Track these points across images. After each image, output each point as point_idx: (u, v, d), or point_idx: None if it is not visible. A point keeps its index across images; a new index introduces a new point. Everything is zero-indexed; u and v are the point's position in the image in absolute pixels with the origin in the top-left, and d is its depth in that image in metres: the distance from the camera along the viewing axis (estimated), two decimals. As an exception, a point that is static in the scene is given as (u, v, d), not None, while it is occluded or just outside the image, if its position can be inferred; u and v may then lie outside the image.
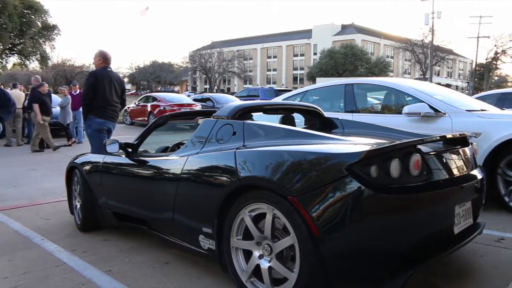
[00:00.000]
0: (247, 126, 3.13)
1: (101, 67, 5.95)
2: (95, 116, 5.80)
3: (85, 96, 5.81)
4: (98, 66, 5.99)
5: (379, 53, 73.84)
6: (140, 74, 79.46)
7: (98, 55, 6.00)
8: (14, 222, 4.80)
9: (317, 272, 2.42)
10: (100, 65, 5.96)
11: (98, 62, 5.99)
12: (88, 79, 5.88)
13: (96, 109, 5.79)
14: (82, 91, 5.95)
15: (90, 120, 5.81)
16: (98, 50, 6.07)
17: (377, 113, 6.00)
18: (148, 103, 18.84)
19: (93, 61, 6.12)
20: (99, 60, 5.98)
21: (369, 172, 2.36)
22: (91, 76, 5.90)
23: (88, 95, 5.76)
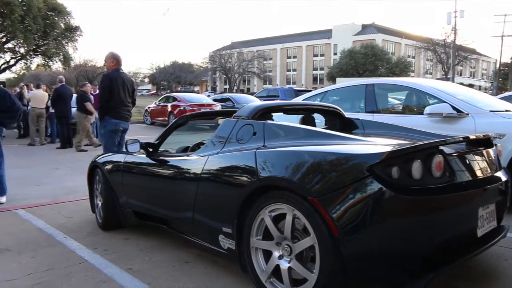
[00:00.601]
0: (268, 126, 3.13)
1: (113, 69, 6.04)
2: (111, 117, 5.93)
3: (102, 98, 5.92)
4: (110, 68, 6.08)
5: (400, 53, 73.06)
6: (160, 75, 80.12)
7: (110, 58, 6.10)
8: (37, 220, 4.89)
9: (337, 273, 2.41)
10: (113, 67, 6.06)
11: (111, 64, 6.09)
12: (103, 82, 5.98)
13: (112, 110, 5.93)
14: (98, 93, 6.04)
15: (106, 121, 5.94)
16: (110, 53, 6.16)
17: (398, 113, 5.93)
18: (168, 103, 18.98)
19: (105, 63, 6.20)
20: (112, 62, 6.08)
21: (390, 173, 2.33)
22: (106, 78, 5.98)
23: (104, 97, 5.88)
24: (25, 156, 10.37)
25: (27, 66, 26.15)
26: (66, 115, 11.86)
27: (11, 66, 24.52)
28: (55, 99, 11.90)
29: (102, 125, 6.02)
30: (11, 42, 22.63)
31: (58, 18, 22.86)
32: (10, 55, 23.73)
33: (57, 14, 22.75)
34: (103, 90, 5.94)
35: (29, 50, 22.88)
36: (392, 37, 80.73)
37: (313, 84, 79.93)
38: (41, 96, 12.55)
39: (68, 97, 11.90)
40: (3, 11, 19.30)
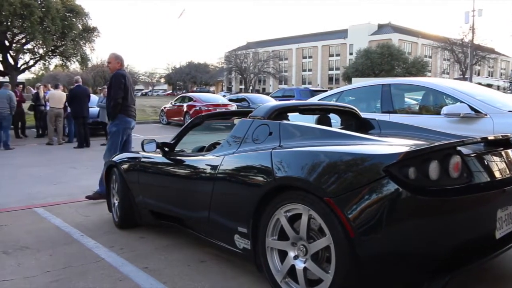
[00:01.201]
0: (283, 127, 3.12)
1: (119, 69, 6.02)
2: (125, 115, 5.94)
3: (117, 96, 5.85)
4: (115, 69, 6.03)
5: (416, 53, 72.40)
6: (176, 75, 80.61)
7: (115, 58, 6.07)
8: (55, 218, 4.96)
9: (353, 274, 2.39)
10: (118, 68, 6.02)
11: (116, 65, 6.05)
12: (118, 80, 5.91)
13: (125, 108, 5.93)
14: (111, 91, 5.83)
15: (119, 119, 5.91)
16: (113, 54, 6.14)
17: (414, 113, 5.87)
18: (184, 103, 19.06)
19: (109, 64, 6.15)
20: (117, 64, 6.06)
21: (407, 174, 2.31)
22: (121, 76, 5.94)
23: (119, 95, 5.84)
24: (44, 155, 10.51)
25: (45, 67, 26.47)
26: (82, 115, 12.01)
27: (30, 66, 24.84)
28: (70, 99, 12.12)
29: (113, 124, 5.94)
30: (30, 43, 22.95)
31: (76, 19, 23.10)
32: (29, 56, 24.12)
33: (75, 15, 22.99)
34: (118, 89, 5.88)
35: (47, 51, 23.16)
36: (408, 36, 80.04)
37: (328, 84, 79.62)
38: (59, 96, 12.71)
39: (83, 97, 12.04)
40: (23, 13, 19.58)
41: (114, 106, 5.87)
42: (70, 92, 12.35)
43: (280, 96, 24.41)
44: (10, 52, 22.64)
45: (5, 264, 3.62)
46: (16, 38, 22.51)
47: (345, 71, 58.94)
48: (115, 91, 5.87)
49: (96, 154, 10.53)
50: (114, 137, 5.93)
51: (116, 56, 6.09)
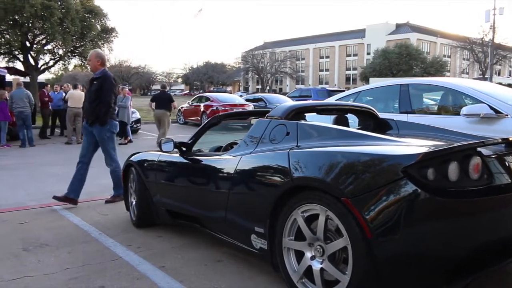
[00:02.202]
0: (301, 127, 3.11)
1: (100, 68, 5.72)
2: (114, 119, 5.77)
3: (110, 100, 5.61)
4: (96, 68, 5.74)
5: (435, 53, 71.54)
6: (193, 75, 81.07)
7: (95, 56, 5.76)
8: (74, 217, 5.02)
9: (370, 276, 2.38)
10: (99, 67, 5.72)
11: (96, 63, 5.73)
12: (109, 82, 5.65)
13: (113, 112, 5.74)
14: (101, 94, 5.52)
15: (110, 124, 5.67)
16: (94, 52, 5.89)
17: (433, 114, 5.81)
18: (201, 103, 19.14)
19: (89, 62, 5.86)
20: (97, 62, 5.73)
21: (426, 175, 2.29)
22: (111, 78, 5.70)
23: (112, 98, 5.63)
24: (63, 154, 10.64)
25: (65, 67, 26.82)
26: None
27: (50, 67, 25.16)
28: None
29: (106, 129, 5.65)
30: (50, 44, 23.26)
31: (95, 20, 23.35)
32: (49, 57, 24.38)
33: (94, 16, 23.24)
34: (110, 92, 5.62)
35: (67, 51, 23.45)
36: (427, 36, 79.16)
37: (345, 84, 79.19)
38: (78, 96, 12.86)
39: None
40: (44, 14, 19.85)
41: (108, 111, 5.59)
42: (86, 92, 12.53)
43: (297, 96, 24.38)
44: (31, 53, 22.97)
45: (25, 260, 3.68)
46: (36, 39, 22.82)
47: (363, 71, 58.45)
48: (107, 95, 5.58)
49: (114, 154, 10.62)
50: (109, 142, 5.76)
51: (96, 54, 5.81)
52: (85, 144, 5.89)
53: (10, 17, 20.37)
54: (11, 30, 21.16)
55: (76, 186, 5.66)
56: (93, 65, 5.77)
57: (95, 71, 5.76)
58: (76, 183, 5.67)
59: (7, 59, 23.41)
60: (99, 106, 5.56)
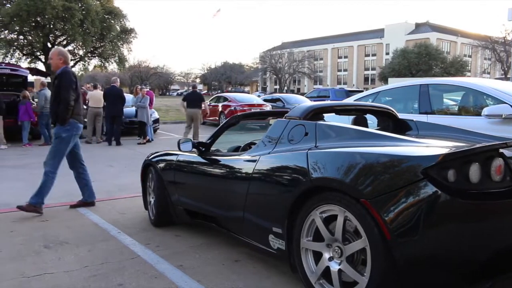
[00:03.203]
0: (319, 127, 3.10)
1: (62, 66, 5.33)
2: (76, 121, 5.30)
3: (70, 98, 5.15)
4: (57, 66, 5.34)
5: (455, 52, 70.61)
6: (211, 75, 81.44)
7: (57, 54, 5.38)
8: (93, 215, 5.08)
9: (389, 278, 2.36)
10: (61, 65, 5.33)
11: (58, 61, 5.35)
12: (68, 79, 5.21)
13: (77, 112, 5.31)
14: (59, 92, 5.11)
15: (71, 125, 5.24)
16: (57, 49, 5.55)
17: (453, 114, 5.74)
18: (219, 103, 19.19)
19: (51, 60, 5.40)
20: (59, 60, 5.35)
21: (446, 176, 2.26)
22: (71, 75, 5.28)
23: (70, 96, 5.16)
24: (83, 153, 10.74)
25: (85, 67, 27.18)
26: (112, 114, 12.43)
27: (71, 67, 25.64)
28: (104, 98, 12.60)
29: (63, 129, 5.18)
30: (71, 45, 23.64)
31: (114, 21, 23.64)
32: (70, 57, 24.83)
33: (113, 17, 23.53)
34: (70, 89, 5.16)
35: (87, 52, 23.80)
36: (447, 35, 78.21)
37: (364, 85, 78.72)
38: (98, 96, 13.02)
39: (116, 98, 12.37)
40: (65, 15, 20.17)
41: (67, 110, 5.15)
42: (104, 92, 12.75)
43: (315, 97, 24.30)
44: (52, 54, 23.43)
45: (46, 258, 3.73)
46: (57, 40, 23.25)
47: (381, 71, 57.96)
48: (66, 92, 5.14)
49: (132, 153, 10.75)
50: (62, 144, 5.25)
51: (59, 52, 5.44)
52: None
53: (32, 19, 20.78)
54: (33, 31, 21.58)
55: (87, 189, 5.62)
56: (55, 64, 5.37)
57: (56, 70, 5.38)
58: (84, 187, 5.62)
59: (29, 60, 23.84)
60: (55, 104, 5.21)
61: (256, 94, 39.28)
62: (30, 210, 5.09)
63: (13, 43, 22.05)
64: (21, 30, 21.57)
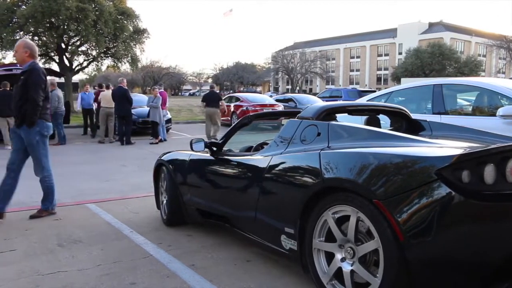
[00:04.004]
0: (332, 127, 3.09)
1: (30, 61, 4.89)
2: (45, 120, 4.95)
3: (39, 98, 4.77)
4: (24, 61, 4.91)
5: (469, 52, 69.89)
6: (223, 75, 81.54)
7: (22, 47, 4.90)
8: (106, 214, 5.12)
9: (402, 279, 2.34)
10: (27, 60, 4.89)
11: (24, 54, 4.89)
12: (34, 76, 4.79)
13: (45, 111, 4.96)
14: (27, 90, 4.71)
15: (40, 125, 4.87)
16: (22, 41, 5.05)
17: (467, 115, 5.69)
18: (231, 103, 19.20)
19: (15, 54, 4.99)
20: (25, 53, 4.89)
21: (460, 177, 2.24)
22: (40, 72, 4.86)
23: (39, 95, 4.79)
24: (95, 153, 10.87)
25: (98, 68, 27.32)
26: (119, 114, 12.58)
27: (84, 67, 25.72)
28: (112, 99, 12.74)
29: (35, 132, 4.83)
30: (84, 45, 23.79)
31: (127, 21, 23.72)
32: (83, 58, 24.93)
33: (126, 18, 23.61)
34: (39, 88, 4.78)
35: (100, 52, 23.90)
36: (461, 35, 77.43)
37: (376, 85, 78.27)
38: (109, 97, 13.11)
39: (122, 98, 12.46)
40: (78, 16, 20.33)
41: (35, 111, 4.77)
42: (112, 92, 12.88)
43: (327, 97, 24.22)
44: (66, 54, 23.54)
45: (60, 256, 3.77)
46: (71, 40, 23.38)
47: (394, 71, 57.52)
48: (34, 91, 4.74)
49: (144, 153, 10.81)
50: (40, 147, 4.94)
51: (24, 44, 4.94)
52: (13, 149, 5.02)
53: (46, 20, 20.94)
54: (48, 32, 21.75)
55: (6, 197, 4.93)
56: (20, 57, 4.92)
57: (23, 64, 4.96)
58: (1, 194, 4.90)
59: (44, 60, 24.07)
60: (25, 105, 4.77)
61: (268, 94, 39.25)
62: (44, 215, 5.02)
63: (28, 44, 22.36)
64: (36, 31, 21.78)
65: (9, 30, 21.04)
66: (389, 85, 57.87)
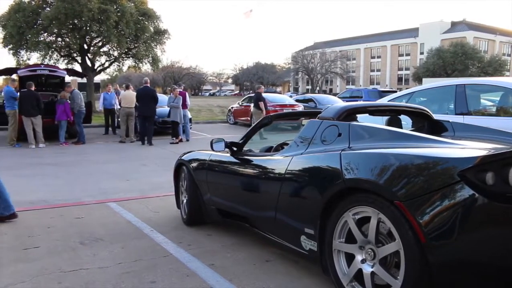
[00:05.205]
0: (353, 128, 3.07)
1: None
2: None
3: None
4: None
5: (493, 51, 68.61)
6: (243, 75, 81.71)
7: None
8: (127, 213, 5.17)
9: (423, 282, 2.31)
10: None
11: None
12: None
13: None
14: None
15: None
16: None
17: (491, 115, 5.59)
18: (251, 103, 19.20)
19: None
20: None
21: (484, 179, 2.20)
22: None
23: None
24: (116, 152, 10.99)
25: (119, 68, 27.60)
26: (144, 114, 12.55)
27: (106, 68, 26.04)
28: (137, 99, 12.82)
29: None
30: (106, 46, 24.06)
31: (148, 22, 23.91)
32: (105, 58, 25.26)
33: (147, 19, 23.81)
34: None
35: (121, 53, 24.15)
36: (485, 34, 76.07)
37: (397, 85, 77.47)
38: (130, 97, 13.24)
39: (148, 98, 12.50)
40: (100, 18, 20.59)
41: None
42: (136, 92, 12.96)
43: (347, 97, 24.04)
44: (88, 55, 23.89)
45: (82, 253, 3.83)
46: (93, 41, 23.70)
47: (415, 71, 56.88)
48: None
49: (164, 153, 10.89)
50: None
51: None
52: None
53: (70, 22, 21.27)
54: (71, 33, 22.09)
55: None
56: None
57: None
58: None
59: (67, 61, 24.45)
60: None
61: (288, 95, 39.17)
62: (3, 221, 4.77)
63: (52, 45, 22.64)
64: (59, 33, 22.15)
65: (34, 31, 21.42)
66: (410, 86, 57.23)
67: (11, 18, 21.30)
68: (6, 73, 15.72)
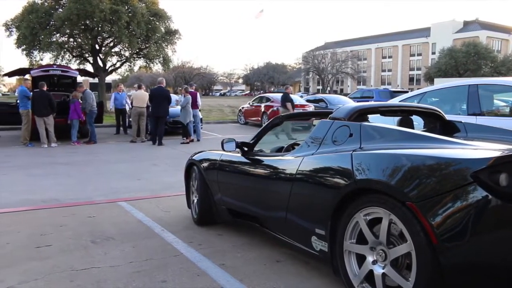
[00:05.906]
0: (364, 128, 3.05)
1: None
2: None
3: None
4: None
5: (507, 51, 67.79)
6: (254, 75, 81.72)
7: None
8: (138, 212, 5.20)
9: (435, 283, 2.29)
10: None
11: None
12: None
13: None
14: None
15: None
16: None
17: (505, 116, 5.54)
18: (261, 103, 19.22)
19: None
20: None
21: (497, 181, 2.18)
22: None
23: None
24: (127, 152, 11.06)
25: (130, 68, 27.76)
26: (157, 114, 12.59)
27: (117, 68, 26.23)
28: (150, 99, 12.86)
29: None
30: (117, 47, 24.22)
31: (159, 22, 24.00)
32: (116, 58, 25.43)
33: (158, 19, 23.90)
34: None
35: (132, 53, 24.29)
36: (498, 33, 75.34)
37: (409, 85, 77.04)
38: (141, 96, 13.31)
39: (161, 99, 12.54)
40: (112, 18, 20.71)
41: None
42: (150, 92, 13.01)
43: (358, 97, 23.96)
44: (99, 55, 24.07)
45: (93, 252, 3.85)
46: (105, 42, 23.86)
47: (427, 71, 56.42)
48: None
49: (175, 153, 10.93)
50: None
51: None
52: None
53: (82, 22, 21.44)
54: (83, 34, 22.28)
55: None
56: None
57: None
58: None
59: (79, 61, 24.66)
60: None
61: (299, 95, 39.10)
62: None
63: (64, 46, 22.86)
64: (71, 33, 22.36)
65: (47, 32, 21.64)
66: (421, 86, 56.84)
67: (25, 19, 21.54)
68: (19, 73, 15.92)
